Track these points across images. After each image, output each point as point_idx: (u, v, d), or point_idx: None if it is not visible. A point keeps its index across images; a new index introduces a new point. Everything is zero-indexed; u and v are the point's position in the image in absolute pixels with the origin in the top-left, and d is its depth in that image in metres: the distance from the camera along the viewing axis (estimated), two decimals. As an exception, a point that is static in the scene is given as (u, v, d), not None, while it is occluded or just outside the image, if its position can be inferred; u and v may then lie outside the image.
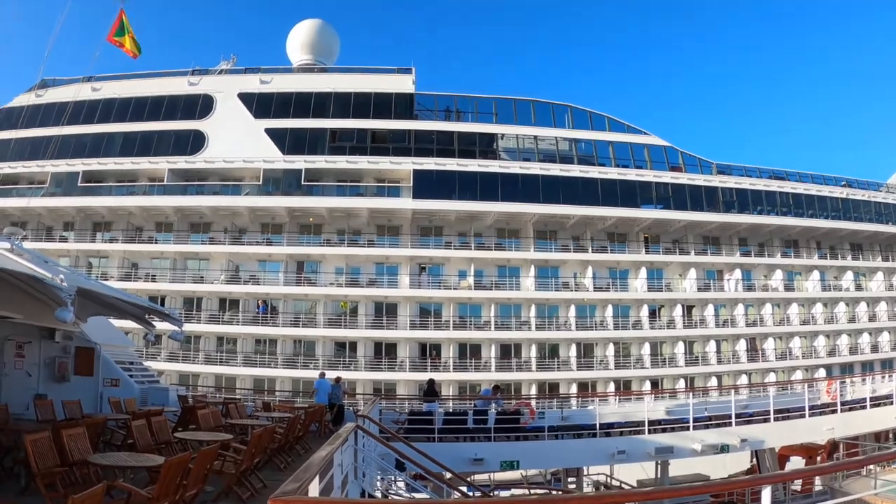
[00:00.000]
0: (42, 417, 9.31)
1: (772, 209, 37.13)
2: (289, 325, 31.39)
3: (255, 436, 7.17)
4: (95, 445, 7.17)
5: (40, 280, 7.19)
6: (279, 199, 31.66)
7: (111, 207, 34.53)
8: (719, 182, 35.65)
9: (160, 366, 31.89)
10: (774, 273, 37.28)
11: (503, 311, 31.79)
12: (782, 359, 36.87)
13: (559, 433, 15.08)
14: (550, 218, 32.24)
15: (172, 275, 33.40)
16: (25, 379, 12.16)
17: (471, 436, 14.64)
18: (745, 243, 37.37)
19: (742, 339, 35.61)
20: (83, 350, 12.78)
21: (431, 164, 31.15)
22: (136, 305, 10.99)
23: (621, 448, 14.63)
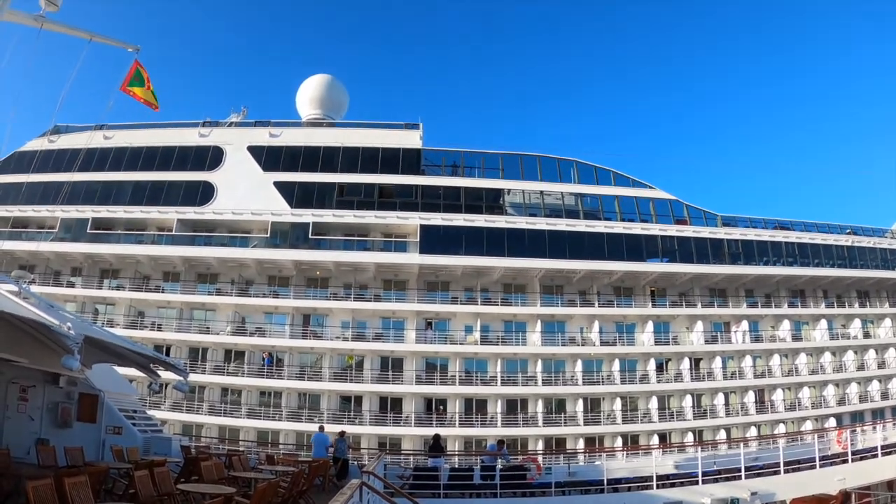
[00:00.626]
0: (44, 463, 9.30)
1: (778, 259, 37.15)
2: (294, 378, 31.31)
3: (259, 490, 7.10)
4: (97, 494, 7.13)
5: (48, 326, 7.23)
6: (286, 251, 31.86)
7: (119, 255, 34.75)
8: (724, 234, 35.75)
9: (164, 415, 31.72)
10: (782, 323, 37.12)
11: (509, 366, 31.66)
12: (791, 409, 36.44)
13: (566, 489, 15.01)
14: (557, 273, 32.33)
15: (178, 324, 33.44)
16: (28, 423, 12.14)
17: (477, 492, 14.53)
18: (751, 294, 37.31)
19: (750, 390, 35.28)
20: (87, 396, 12.79)
21: (438, 220, 31.40)
22: (141, 355, 11.08)
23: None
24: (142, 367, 12.02)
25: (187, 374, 11.70)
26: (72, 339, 6.94)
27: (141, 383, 34.85)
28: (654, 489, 14.60)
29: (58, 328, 7.06)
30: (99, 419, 12.84)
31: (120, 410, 13.42)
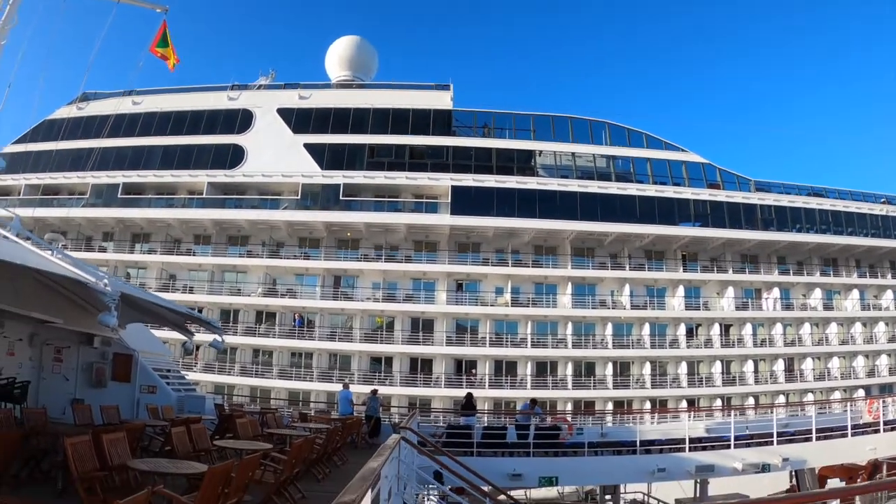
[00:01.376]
0: (80, 421, 9.23)
1: (811, 227, 36.51)
2: (325, 339, 31.56)
3: (295, 446, 7.11)
4: (134, 451, 7.16)
5: (84, 284, 7.07)
6: (317, 213, 31.92)
7: (150, 219, 35.05)
8: (758, 199, 35.16)
9: (196, 377, 32.14)
10: (813, 292, 36.61)
11: (540, 329, 31.63)
12: (821, 379, 36.10)
13: (598, 449, 14.86)
14: (588, 235, 32.07)
15: (210, 287, 33.79)
16: (63, 383, 12.30)
17: (509, 451, 14.41)
18: (783, 261, 36.76)
19: (780, 358, 34.98)
20: (121, 356, 12.87)
21: (470, 181, 31.21)
22: (176, 313, 11.06)
23: (661, 466, 14.19)
24: (176, 327, 12.02)
25: (223, 332, 11.68)
26: (109, 295, 6.86)
27: (174, 345, 35.48)
28: (686, 452, 14.37)
29: (94, 285, 6.96)
30: (133, 378, 12.93)
31: (154, 370, 13.51)
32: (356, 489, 3.59)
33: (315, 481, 8.32)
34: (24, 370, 11.64)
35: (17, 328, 11.23)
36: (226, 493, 5.02)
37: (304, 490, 7.27)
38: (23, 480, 6.77)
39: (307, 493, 7.26)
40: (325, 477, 8.79)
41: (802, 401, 35.34)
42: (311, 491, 7.45)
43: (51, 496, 6.25)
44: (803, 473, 17.39)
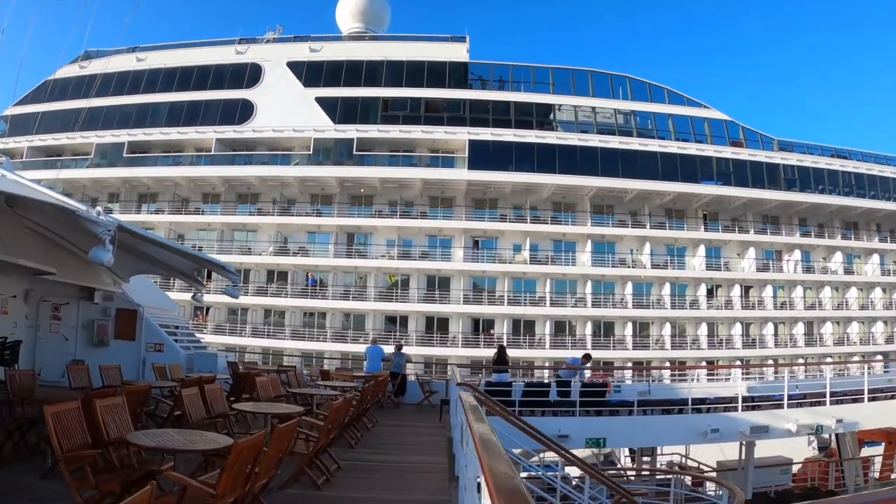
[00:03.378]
0: (76, 384, 8.11)
1: (833, 189, 35.64)
2: (338, 298, 30.92)
3: (334, 408, 6.08)
4: (137, 419, 6.14)
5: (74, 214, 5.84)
6: (330, 168, 31.04)
7: (157, 178, 34.22)
8: (781, 159, 34.24)
9: (207, 338, 31.45)
10: (834, 255, 35.89)
11: (558, 287, 30.95)
12: (840, 344, 35.57)
13: (647, 408, 13.60)
14: (608, 192, 31.21)
15: (219, 246, 33.01)
16: (62, 343, 11.40)
17: (552, 410, 13.23)
18: (804, 223, 35.97)
19: (800, 322, 34.38)
20: (124, 312, 11.92)
21: (487, 135, 30.25)
22: (184, 255, 9.83)
23: (714, 426, 13.11)
24: (185, 276, 10.68)
25: (238, 278, 10.56)
26: (102, 225, 5.66)
27: (184, 306, 34.86)
28: (739, 412, 13.31)
29: (85, 213, 5.84)
30: (138, 336, 12.01)
31: (161, 326, 12.53)
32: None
33: (348, 447, 7.54)
34: (19, 330, 10.71)
35: (9, 284, 10.24)
36: (256, 474, 3.92)
37: (338, 458, 6.43)
38: (7, 456, 5.74)
39: (342, 461, 6.43)
40: (359, 442, 8.06)
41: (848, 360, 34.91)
42: (347, 460, 6.65)
43: (36, 475, 5.18)
44: (843, 437, 16.54)
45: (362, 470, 6.54)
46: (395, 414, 12.02)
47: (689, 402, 13.32)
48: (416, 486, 6.10)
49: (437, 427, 10.31)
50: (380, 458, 7.40)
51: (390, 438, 8.93)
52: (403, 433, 9.59)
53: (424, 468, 6.90)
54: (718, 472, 16.30)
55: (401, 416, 11.74)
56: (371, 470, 6.65)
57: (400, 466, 7.00)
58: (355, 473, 6.32)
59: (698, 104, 33.50)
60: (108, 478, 4.16)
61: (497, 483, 1.69)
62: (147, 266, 10.80)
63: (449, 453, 7.43)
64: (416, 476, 6.58)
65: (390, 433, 9.36)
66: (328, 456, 6.18)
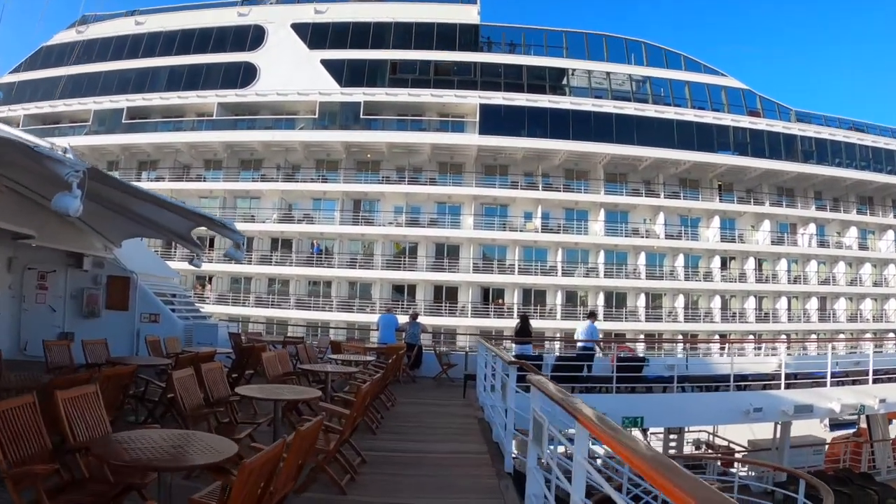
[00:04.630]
0: (54, 362, 6.86)
1: (850, 162, 34.81)
2: (344, 267, 30.17)
3: (362, 395, 5.05)
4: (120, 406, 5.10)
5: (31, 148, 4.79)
6: (335, 133, 30.11)
7: (157, 145, 33.30)
8: (798, 130, 33.39)
9: (208, 308, 30.84)
10: (849, 230, 35.21)
11: (570, 256, 30.22)
12: (853, 320, 35.01)
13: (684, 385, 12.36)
14: (622, 160, 30.35)
15: (222, 214, 31.94)
16: (49, 315, 10.45)
17: (585, 386, 11.93)
18: (819, 197, 35.20)
19: (813, 297, 33.78)
20: (116, 280, 10.90)
21: (499, 99, 29.30)
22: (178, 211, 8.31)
23: (757, 405, 12.00)
24: (181, 238, 9.56)
25: (243, 238, 9.36)
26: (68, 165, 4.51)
27: (187, 276, 34.08)
28: (782, 390, 12.25)
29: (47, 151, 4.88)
30: (131, 306, 10.98)
31: (157, 295, 11.51)
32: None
33: (369, 432, 6.57)
34: (2, 302, 9.84)
35: (-12, 250, 9.17)
36: (269, 493, 2.91)
37: (360, 447, 5.43)
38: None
39: (366, 451, 5.48)
40: (380, 426, 7.07)
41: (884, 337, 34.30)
42: (370, 450, 5.65)
43: None
44: (875, 417, 15.55)
45: (390, 463, 5.56)
46: (412, 390, 11.03)
47: (731, 378, 12.16)
48: (458, 485, 5.05)
49: (462, 406, 9.34)
50: (407, 446, 6.39)
51: (414, 420, 7.95)
52: (427, 414, 8.51)
53: (462, 460, 5.88)
54: (751, 453, 15.52)
55: (419, 393, 10.76)
56: (400, 463, 5.63)
57: (433, 458, 5.94)
58: (382, 468, 5.32)
59: (715, 72, 32.54)
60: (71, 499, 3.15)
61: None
62: (140, 229, 9.69)
63: (487, 439, 6.57)
64: (454, 471, 5.49)
65: (412, 414, 8.35)
66: (349, 446, 5.14)
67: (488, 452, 5.92)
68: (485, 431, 7.03)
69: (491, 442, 6.40)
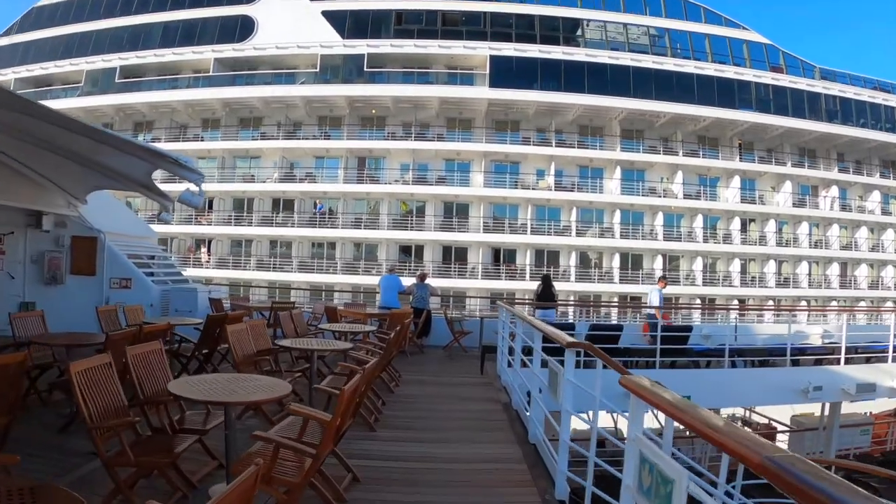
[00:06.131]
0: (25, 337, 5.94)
1: (875, 123, 33.36)
2: (349, 227, 28.96)
3: (344, 396, 3.21)
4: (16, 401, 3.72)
5: None
6: (338, 87, 28.69)
7: (152, 104, 31.93)
8: (822, 88, 31.89)
9: (207, 273, 29.79)
10: (871, 194, 33.85)
11: (584, 216, 28.92)
12: (874, 287, 33.82)
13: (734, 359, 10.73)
14: (639, 115, 28.92)
15: (221, 174, 31.02)
16: (7, 283, 9.14)
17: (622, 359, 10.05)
18: (842, 159, 33.80)
19: (835, 262, 32.54)
20: (81, 241, 9.60)
21: (510, 50, 27.82)
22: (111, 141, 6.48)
23: (817, 383, 10.60)
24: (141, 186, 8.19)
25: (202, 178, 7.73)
26: None
27: (185, 240, 32.92)
28: (842, 364, 10.84)
29: None
30: (100, 270, 9.66)
31: (130, 257, 10.19)
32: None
33: (366, 428, 5.15)
34: None
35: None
36: None
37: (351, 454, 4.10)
38: None
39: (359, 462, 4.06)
40: (379, 419, 5.55)
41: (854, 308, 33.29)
42: (366, 457, 4.30)
43: None
44: None
45: (391, 481, 3.97)
46: (420, 363, 9.68)
47: (788, 352, 10.55)
48: None
49: (481, 385, 7.84)
50: (415, 450, 4.75)
51: (423, 408, 6.35)
52: (439, 398, 6.97)
53: (491, 475, 4.24)
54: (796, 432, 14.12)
55: (429, 368, 9.33)
56: (405, 481, 3.99)
57: (451, 471, 4.26)
58: (380, 491, 3.76)
59: (737, 25, 30.98)
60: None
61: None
62: (103, 180, 8.27)
63: (519, 438, 5.13)
64: (483, 494, 3.89)
65: (421, 398, 6.86)
66: (337, 458, 3.87)
67: (525, 462, 4.50)
68: (513, 424, 5.61)
69: (525, 443, 4.98)
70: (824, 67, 32.98)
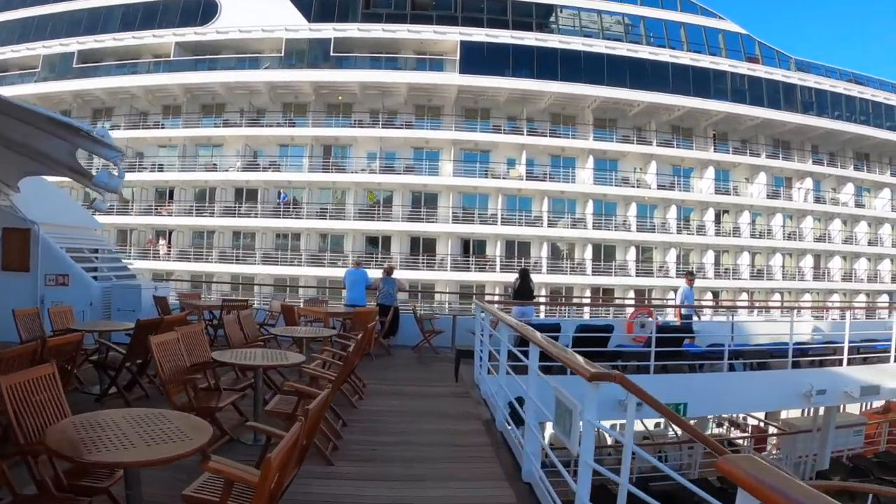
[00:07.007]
0: None
1: (850, 116, 33.21)
2: (314, 218, 28.05)
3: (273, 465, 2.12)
4: None
5: None
6: (304, 72, 27.70)
7: (111, 90, 30.68)
8: (798, 79, 31.62)
9: (167, 266, 28.73)
10: (845, 186, 33.81)
11: (556, 206, 28.31)
12: (847, 280, 33.80)
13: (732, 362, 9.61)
14: (612, 104, 28.34)
15: (182, 163, 29.90)
16: None
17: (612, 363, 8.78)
18: (816, 151, 33.64)
19: (808, 254, 32.41)
20: (13, 233, 8.80)
21: (482, 35, 27.04)
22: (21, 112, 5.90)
23: (820, 386, 9.72)
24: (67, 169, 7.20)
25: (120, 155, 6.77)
26: None
27: (144, 231, 31.67)
28: (845, 366, 10.04)
29: None
30: (34, 265, 8.85)
31: (69, 251, 9.30)
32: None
33: (323, 463, 4.17)
34: None
35: None
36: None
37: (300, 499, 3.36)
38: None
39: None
40: (339, 446, 4.55)
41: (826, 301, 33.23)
42: None
43: None
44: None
45: None
46: (387, 367, 8.84)
47: (790, 353, 9.63)
48: None
49: (457, 396, 6.93)
50: (385, 494, 3.83)
51: (392, 428, 5.43)
52: (410, 414, 6.01)
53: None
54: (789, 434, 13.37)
55: (397, 374, 8.48)
56: None
57: None
58: None
59: (713, 14, 30.54)
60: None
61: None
62: (30, 164, 7.51)
63: (507, 471, 4.23)
64: None
65: (389, 415, 5.92)
66: None
67: (510, 490, 3.82)
68: (499, 451, 4.73)
69: (516, 480, 4.06)
70: (800, 59, 32.75)
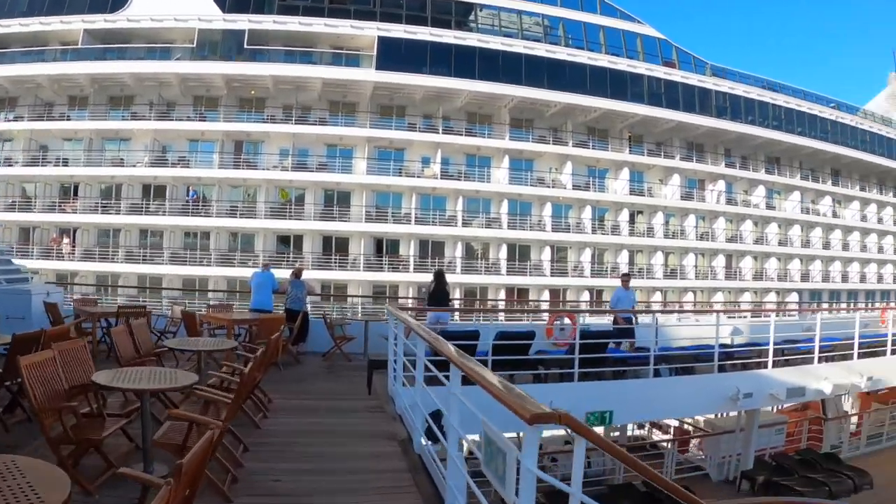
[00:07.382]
0: None
1: (763, 121, 34.63)
2: (224, 216, 27.31)
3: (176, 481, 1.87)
4: None
5: None
6: (216, 65, 26.85)
7: (15, 79, 29.05)
8: (713, 84, 32.74)
9: (72, 266, 27.49)
10: (756, 189, 35.26)
11: (470, 205, 28.43)
12: (758, 279, 35.28)
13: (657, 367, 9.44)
14: (529, 104, 28.64)
15: (88, 157, 28.57)
16: None
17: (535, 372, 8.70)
18: (729, 154, 34.96)
19: (720, 254, 33.66)
20: None
21: (400, 32, 26.83)
22: None
23: (747, 390, 9.56)
24: None
25: None
26: None
27: (48, 229, 30.18)
28: (770, 368, 9.94)
29: None
30: None
31: None
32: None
33: (220, 499, 3.61)
34: None
35: None
36: None
37: None
38: None
39: None
40: (237, 482, 3.93)
41: (738, 300, 34.63)
42: None
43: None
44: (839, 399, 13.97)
45: None
46: (296, 379, 8.33)
47: (716, 356, 9.40)
48: None
49: (371, 411, 6.47)
50: None
51: (300, 451, 4.95)
52: (320, 434, 5.54)
53: None
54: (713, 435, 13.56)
55: (306, 385, 8.01)
56: None
57: None
58: None
59: (632, 18, 31.24)
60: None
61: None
62: None
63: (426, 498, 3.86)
64: None
65: (297, 435, 5.44)
66: None
67: None
68: (418, 479, 4.24)
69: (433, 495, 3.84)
70: (715, 65, 33.91)
